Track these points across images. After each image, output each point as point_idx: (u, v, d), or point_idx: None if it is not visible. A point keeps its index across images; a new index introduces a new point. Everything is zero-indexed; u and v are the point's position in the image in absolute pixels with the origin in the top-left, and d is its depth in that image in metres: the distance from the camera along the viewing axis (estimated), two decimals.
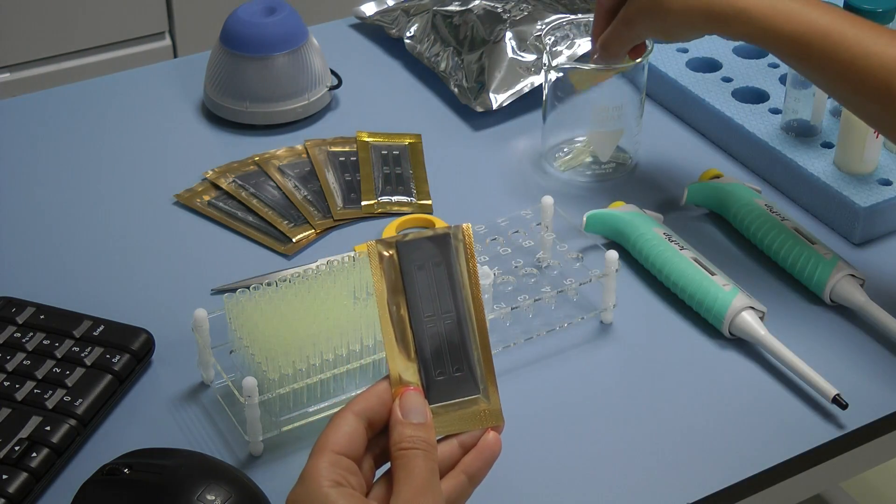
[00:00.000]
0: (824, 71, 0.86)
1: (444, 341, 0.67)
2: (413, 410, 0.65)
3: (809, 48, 0.86)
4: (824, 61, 0.85)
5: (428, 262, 0.67)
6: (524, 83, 1.12)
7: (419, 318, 0.67)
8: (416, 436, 0.64)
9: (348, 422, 0.65)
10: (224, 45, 1.11)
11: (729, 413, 0.83)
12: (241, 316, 0.81)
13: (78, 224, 1.01)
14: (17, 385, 0.81)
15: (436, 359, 0.67)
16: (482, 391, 0.67)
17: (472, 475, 0.66)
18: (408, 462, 0.64)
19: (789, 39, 0.86)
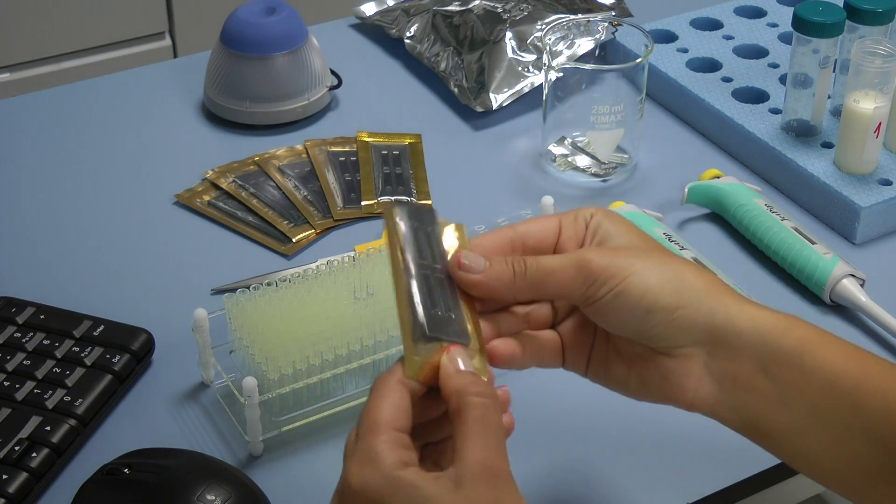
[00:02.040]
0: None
1: (437, 286, 0.65)
2: (466, 363, 0.62)
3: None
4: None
5: (423, 225, 0.67)
6: (524, 83, 1.12)
7: (416, 260, 0.65)
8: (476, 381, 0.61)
9: (402, 394, 0.61)
10: (224, 45, 1.11)
11: None
12: (241, 316, 0.81)
13: (78, 224, 1.01)
14: (17, 385, 0.81)
15: (431, 297, 0.65)
16: (471, 347, 0.65)
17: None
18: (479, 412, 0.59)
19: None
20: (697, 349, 0.65)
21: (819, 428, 0.64)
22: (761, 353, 0.64)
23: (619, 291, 0.64)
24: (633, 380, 0.67)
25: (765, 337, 0.64)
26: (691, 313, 0.64)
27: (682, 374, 0.65)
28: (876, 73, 0.97)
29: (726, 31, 1.20)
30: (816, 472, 0.66)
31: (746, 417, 0.66)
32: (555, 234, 0.68)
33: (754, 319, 0.64)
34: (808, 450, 0.65)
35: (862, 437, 0.64)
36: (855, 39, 1.01)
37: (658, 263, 0.65)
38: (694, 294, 0.64)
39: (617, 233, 0.67)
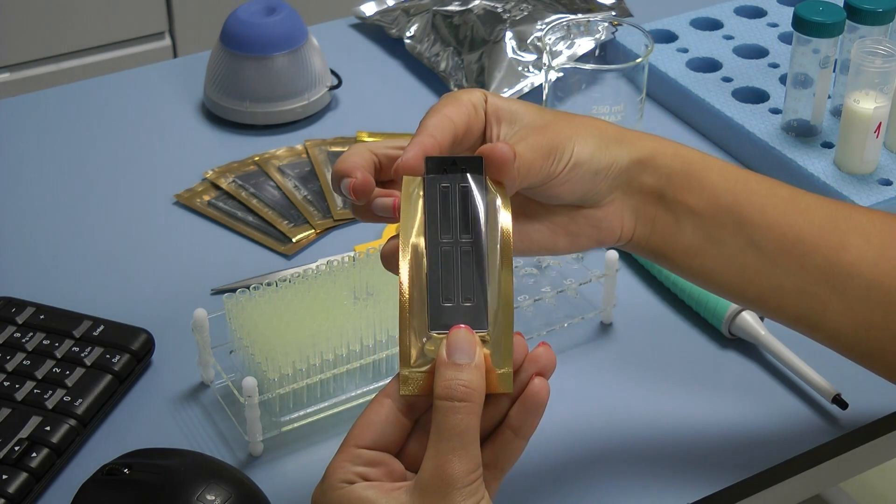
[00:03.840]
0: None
1: (458, 267, 0.62)
2: (459, 349, 0.59)
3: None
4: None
5: (454, 184, 0.63)
6: (524, 83, 1.12)
7: (434, 239, 0.62)
8: (455, 378, 0.58)
9: (377, 409, 0.61)
10: (224, 45, 1.11)
11: (729, 413, 0.83)
12: (241, 316, 0.81)
13: (78, 224, 1.01)
14: (17, 385, 0.81)
15: (445, 284, 0.62)
16: (491, 336, 0.61)
17: (518, 429, 0.61)
18: (441, 417, 0.58)
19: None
20: (618, 193, 0.70)
21: (709, 246, 0.71)
22: (659, 180, 0.70)
23: (575, 163, 0.67)
24: (560, 239, 0.70)
25: (659, 166, 0.70)
26: (620, 164, 0.69)
27: (610, 218, 0.71)
28: (876, 73, 0.97)
29: (726, 31, 1.20)
30: (713, 287, 0.73)
31: (652, 243, 0.72)
32: (468, 130, 0.67)
33: (652, 151, 0.70)
34: (703, 268, 0.72)
35: (748, 250, 0.71)
36: (855, 39, 1.01)
37: (581, 126, 0.69)
38: (617, 146, 0.70)
39: (518, 110, 0.69)
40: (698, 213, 0.71)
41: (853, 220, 0.73)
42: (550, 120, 0.69)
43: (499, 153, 0.63)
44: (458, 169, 0.63)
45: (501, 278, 0.61)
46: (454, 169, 0.63)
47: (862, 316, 0.72)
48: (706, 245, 0.71)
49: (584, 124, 0.70)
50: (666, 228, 0.71)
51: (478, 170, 0.63)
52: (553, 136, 0.67)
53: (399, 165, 0.63)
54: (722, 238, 0.71)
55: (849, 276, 0.71)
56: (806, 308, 0.72)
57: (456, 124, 0.66)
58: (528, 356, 0.62)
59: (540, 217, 0.70)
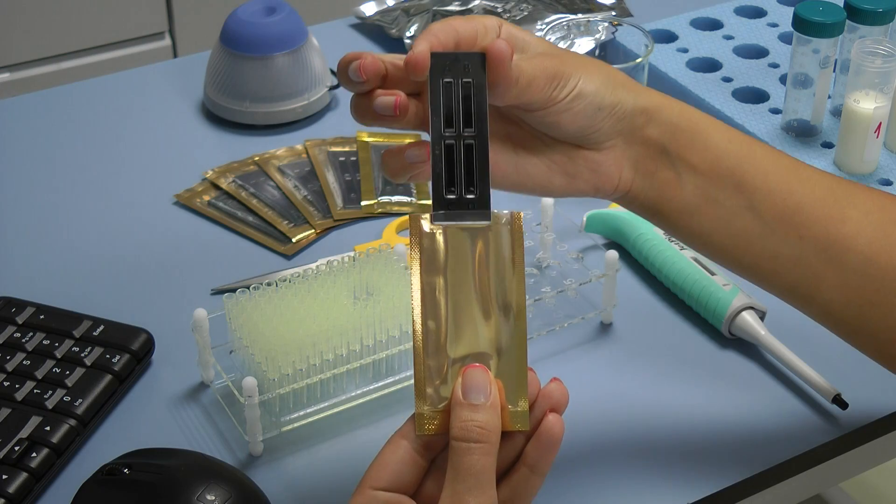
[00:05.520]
0: None
1: (461, 160, 0.63)
2: (474, 389, 0.59)
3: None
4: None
5: (458, 77, 0.64)
6: None
7: (438, 131, 0.63)
8: (472, 420, 0.58)
9: (394, 450, 0.61)
10: (224, 45, 1.11)
11: (729, 413, 0.83)
12: (241, 316, 0.81)
13: (78, 224, 1.01)
14: (17, 385, 0.81)
15: (449, 175, 0.63)
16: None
17: (533, 466, 0.61)
18: (457, 457, 0.58)
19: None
20: (619, 139, 0.70)
21: (708, 207, 0.71)
22: (663, 134, 0.71)
23: (578, 93, 0.68)
24: (556, 177, 0.70)
25: (665, 120, 0.71)
26: (625, 107, 0.70)
27: (609, 164, 0.71)
28: (876, 73, 0.97)
29: (726, 31, 1.20)
30: (709, 249, 0.73)
31: (650, 197, 0.72)
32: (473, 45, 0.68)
33: (659, 104, 0.71)
34: (701, 229, 0.72)
35: (747, 214, 0.71)
36: (855, 39, 1.01)
37: (590, 64, 0.70)
38: (623, 89, 0.70)
39: (532, 40, 0.70)
40: (700, 171, 0.71)
41: (854, 196, 0.73)
42: (561, 52, 0.70)
43: (496, 49, 0.65)
44: (461, 65, 0.65)
45: (516, 318, 0.62)
46: (457, 65, 0.65)
47: (856, 291, 0.72)
48: (705, 205, 0.71)
49: (594, 63, 0.70)
50: (666, 184, 0.71)
51: (480, 66, 0.65)
52: (560, 64, 0.68)
53: (408, 59, 0.65)
54: (721, 199, 0.71)
55: (846, 249, 0.71)
56: (800, 278, 0.72)
57: (459, 34, 0.67)
58: (541, 392, 0.62)
59: (538, 152, 0.70)
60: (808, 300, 0.73)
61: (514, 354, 0.62)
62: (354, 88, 0.69)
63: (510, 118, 0.70)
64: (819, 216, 0.71)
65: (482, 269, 0.62)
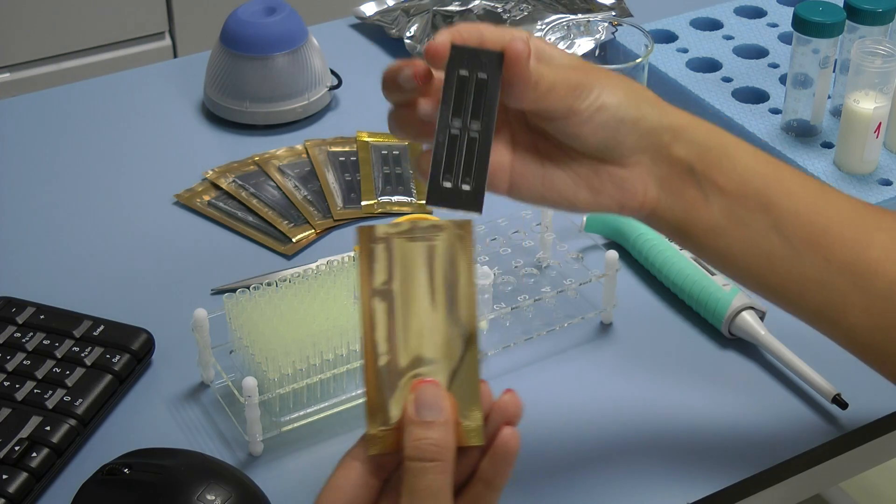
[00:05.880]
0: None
1: (462, 151, 0.64)
2: (426, 405, 0.58)
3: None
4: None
5: (474, 71, 0.65)
6: None
7: (445, 120, 0.64)
8: (426, 438, 0.57)
9: (346, 473, 0.59)
10: (224, 45, 1.11)
11: (729, 413, 0.83)
12: (241, 316, 0.81)
13: (78, 224, 1.01)
14: (17, 385, 0.81)
15: (448, 164, 0.64)
16: (458, 388, 0.60)
17: (490, 481, 0.60)
18: (412, 478, 0.57)
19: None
20: (645, 156, 0.70)
21: (735, 227, 0.71)
22: (690, 153, 0.70)
23: (601, 105, 0.67)
24: (581, 192, 0.70)
25: (692, 139, 0.70)
26: (648, 122, 0.69)
27: (634, 180, 0.70)
28: (876, 73, 0.97)
29: (726, 31, 1.20)
30: (735, 271, 0.73)
31: (676, 217, 0.71)
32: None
33: (686, 124, 0.70)
34: (727, 250, 0.71)
35: (773, 236, 0.71)
36: (855, 39, 1.01)
37: (615, 78, 0.69)
38: (649, 105, 0.70)
39: (558, 54, 0.70)
40: (727, 192, 0.70)
41: (881, 220, 0.72)
42: (587, 65, 0.70)
43: (514, 47, 0.65)
44: (479, 60, 0.65)
45: (468, 330, 0.60)
46: (476, 59, 0.65)
47: (881, 316, 0.72)
48: (731, 226, 0.71)
49: (620, 78, 0.70)
50: (692, 203, 0.71)
51: (497, 64, 0.65)
52: (583, 76, 0.68)
53: (429, 47, 0.65)
54: (748, 220, 0.70)
55: (873, 273, 0.71)
56: (826, 302, 0.72)
57: (484, 36, 0.67)
58: (494, 405, 0.61)
59: (564, 166, 0.70)
60: (834, 324, 0.73)
61: (466, 367, 0.60)
62: (401, 98, 0.69)
63: (538, 131, 0.70)
64: (846, 239, 0.71)
65: (432, 280, 0.60)
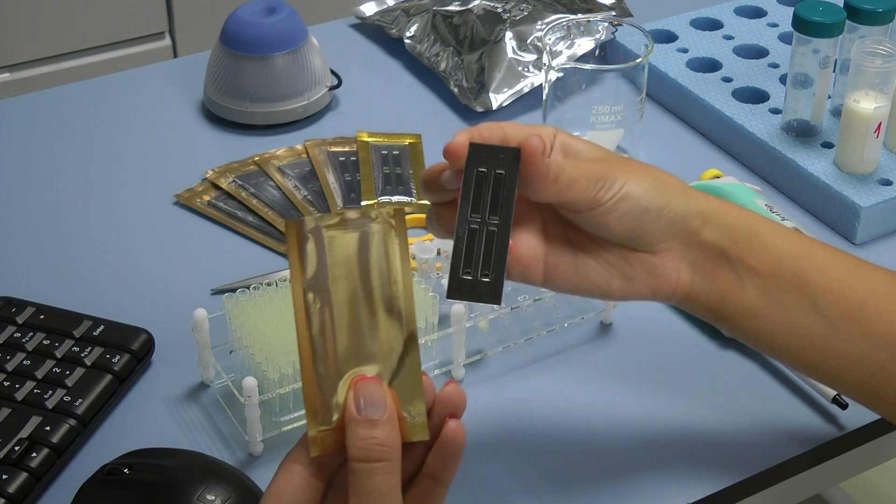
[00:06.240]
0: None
1: (482, 245, 0.65)
2: (369, 403, 0.57)
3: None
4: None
5: (492, 168, 0.66)
6: (524, 83, 1.12)
7: (464, 215, 0.66)
8: (371, 438, 0.56)
9: (288, 477, 0.58)
10: (224, 45, 1.11)
11: (729, 413, 0.83)
12: (241, 316, 0.81)
13: (78, 224, 1.01)
14: (17, 385, 0.81)
15: (468, 256, 0.65)
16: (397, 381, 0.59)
17: (437, 476, 0.59)
18: (359, 480, 0.56)
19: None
20: (675, 242, 0.70)
21: (771, 308, 0.71)
22: (721, 237, 0.71)
23: (623, 195, 0.68)
24: (614, 280, 0.71)
25: (722, 223, 0.71)
26: (674, 210, 0.70)
27: (667, 267, 0.71)
28: (876, 73, 0.97)
29: (726, 31, 1.20)
30: (774, 351, 0.73)
31: (711, 301, 0.71)
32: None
33: (715, 209, 0.71)
34: (764, 330, 0.72)
35: (811, 314, 0.71)
36: (855, 39, 1.01)
37: (640, 168, 0.71)
38: (674, 193, 0.70)
39: (584, 148, 0.71)
40: (761, 273, 0.71)
41: None
42: (611, 157, 0.71)
43: (529, 144, 0.66)
44: (496, 157, 0.67)
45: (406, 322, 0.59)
46: (493, 156, 0.67)
47: None
48: (767, 306, 0.71)
49: (644, 168, 0.71)
50: (727, 286, 0.71)
51: (515, 160, 0.67)
52: (606, 168, 0.69)
53: (447, 146, 0.67)
54: (784, 300, 0.71)
55: None
56: (868, 376, 0.72)
57: (507, 134, 0.68)
58: (437, 397, 0.60)
59: (596, 255, 0.71)
60: (877, 398, 0.73)
61: (406, 361, 0.59)
62: (443, 198, 0.70)
63: (568, 222, 0.71)
64: (883, 312, 0.71)
65: (366, 271, 0.60)
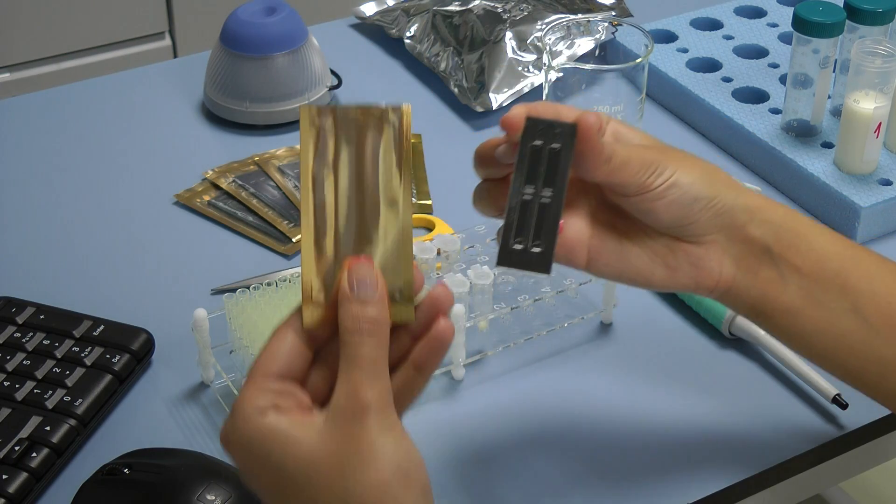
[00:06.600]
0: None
1: (534, 217, 0.66)
2: (361, 283, 0.61)
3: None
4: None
5: (547, 142, 0.67)
6: (524, 83, 1.12)
7: (517, 187, 0.66)
8: (361, 314, 0.60)
9: (281, 341, 0.61)
10: (224, 45, 1.11)
11: (729, 413, 0.83)
12: (241, 316, 0.81)
13: (78, 224, 1.01)
14: (17, 385, 0.81)
15: (519, 227, 0.66)
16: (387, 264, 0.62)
17: (421, 366, 0.62)
18: (351, 350, 0.60)
19: None
20: (721, 235, 0.71)
21: (812, 308, 0.71)
22: (766, 233, 0.71)
23: (673, 182, 0.69)
24: (658, 269, 0.71)
25: (768, 220, 0.71)
26: (723, 202, 0.70)
27: (710, 259, 0.71)
28: (876, 73, 0.97)
29: (726, 31, 1.20)
30: (812, 353, 0.73)
31: (752, 297, 0.71)
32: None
33: (762, 205, 0.71)
34: (804, 330, 0.72)
35: (851, 317, 0.71)
36: (855, 39, 1.01)
37: (691, 158, 0.71)
38: (723, 185, 0.71)
39: (637, 136, 0.71)
40: (804, 273, 0.71)
41: None
42: (662, 145, 0.72)
43: (586, 119, 0.67)
44: (553, 132, 0.67)
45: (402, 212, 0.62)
46: (549, 131, 0.68)
47: None
48: (808, 306, 0.71)
49: (696, 159, 0.71)
50: (769, 283, 0.71)
51: (571, 136, 0.67)
52: (658, 154, 0.69)
53: (504, 118, 0.68)
54: (825, 301, 0.71)
55: None
56: None
57: (560, 114, 0.69)
58: (428, 295, 0.63)
59: (641, 243, 0.71)
60: None
61: (399, 248, 0.63)
62: (494, 173, 0.71)
63: (615, 208, 0.71)
64: None
65: (372, 162, 0.62)
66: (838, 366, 0.73)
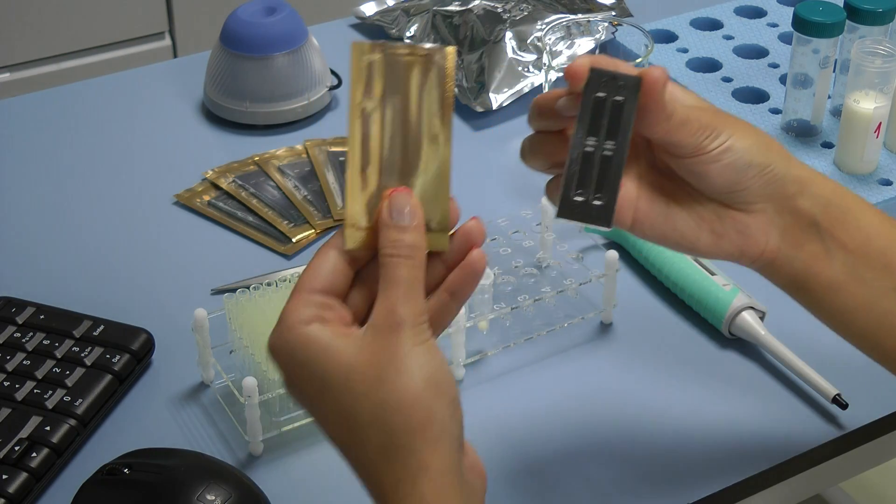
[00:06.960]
0: None
1: (596, 168, 0.67)
2: (400, 211, 0.64)
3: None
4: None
5: (611, 94, 0.67)
6: (524, 83, 1.12)
7: (579, 139, 0.67)
8: (399, 239, 0.63)
9: (325, 259, 0.64)
10: (224, 45, 1.11)
11: (729, 413, 0.83)
12: (241, 316, 0.81)
13: (78, 224, 1.01)
14: (17, 385, 0.81)
15: (581, 179, 0.67)
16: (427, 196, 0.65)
17: (455, 292, 0.65)
18: (389, 271, 0.62)
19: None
20: (769, 205, 0.70)
21: (855, 285, 0.71)
22: (815, 207, 0.70)
23: (729, 146, 0.68)
24: (704, 235, 0.71)
25: (817, 194, 0.71)
26: (775, 171, 0.70)
27: (757, 228, 0.70)
28: (876, 73, 0.97)
29: (726, 31, 1.20)
30: (851, 330, 0.73)
31: (796, 270, 0.71)
32: None
33: (814, 179, 0.71)
34: (845, 307, 0.71)
35: (893, 296, 0.71)
36: (855, 39, 1.01)
37: (747, 125, 0.70)
38: (777, 154, 0.70)
39: (690, 98, 0.71)
40: (849, 249, 0.71)
41: None
42: (719, 110, 0.71)
43: (652, 73, 0.67)
44: (616, 84, 0.67)
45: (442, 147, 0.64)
46: (613, 83, 0.67)
47: None
48: (851, 283, 0.71)
49: (750, 126, 0.71)
50: (813, 257, 0.71)
51: (634, 89, 0.67)
52: (714, 117, 0.69)
53: (568, 68, 0.68)
54: (868, 279, 0.71)
55: None
56: None
57: (620, 69, 0.69)
58: (461, 228, 0.65)
59: (688, 207, 0.71)
60: None
61: (437, 181, 0.65)
62: (552, 125, 0.71)
63: (665, 171, 0.71)
64: None
65: (415, 99, 0.65)
66: (876, 346, 0.72)
